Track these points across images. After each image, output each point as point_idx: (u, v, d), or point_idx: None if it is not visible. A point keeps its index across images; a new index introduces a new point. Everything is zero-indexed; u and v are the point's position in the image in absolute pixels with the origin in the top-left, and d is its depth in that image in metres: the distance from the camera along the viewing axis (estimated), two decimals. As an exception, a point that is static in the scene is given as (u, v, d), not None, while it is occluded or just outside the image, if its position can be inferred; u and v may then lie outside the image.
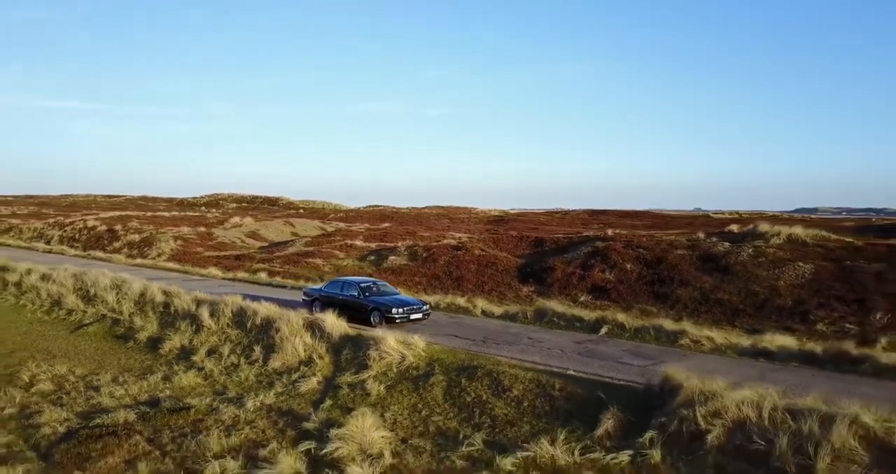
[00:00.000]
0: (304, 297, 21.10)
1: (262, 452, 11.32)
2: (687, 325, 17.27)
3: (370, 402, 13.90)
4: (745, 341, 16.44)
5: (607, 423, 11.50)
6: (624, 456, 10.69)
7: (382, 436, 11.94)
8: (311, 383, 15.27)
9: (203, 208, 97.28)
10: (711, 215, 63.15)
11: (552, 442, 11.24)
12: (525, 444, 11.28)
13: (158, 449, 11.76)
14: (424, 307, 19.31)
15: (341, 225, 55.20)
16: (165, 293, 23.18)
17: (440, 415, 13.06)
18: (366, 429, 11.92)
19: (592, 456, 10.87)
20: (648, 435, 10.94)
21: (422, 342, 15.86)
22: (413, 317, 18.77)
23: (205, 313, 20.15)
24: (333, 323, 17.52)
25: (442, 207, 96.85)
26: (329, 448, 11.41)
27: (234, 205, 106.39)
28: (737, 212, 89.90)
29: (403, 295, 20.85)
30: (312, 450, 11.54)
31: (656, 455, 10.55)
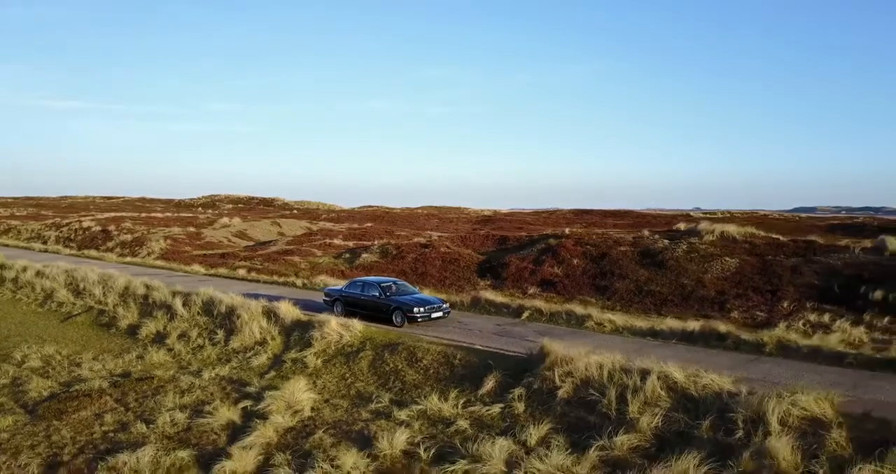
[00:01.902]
0: (324, 298, 21.85)
1: (207, 408, 14.22)
2: (593, 310, 20.12)
3: (307, 373, 16.81)
4: (644, 324, 19.23)
5: (489, 384, 14.38)
6: (496, 408, 13.57)
7: (309, 397, 14.83)
8: (262, 359, 18.21)
9: (200, 209, 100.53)
10: (692, 214, 65.72)
11: (445, 399, 14.11)
12: (420, 401, 14.15)
13: (123, 406, 14.71)
14: (444, 305, 19.98)
15: (328, 225, 58.13)
16: (147, 286, 26.15)
17: (362, 382, 15.97)
18: (295, 392, 14.82)
19: (472, 408, 13.74)
20: (517, 391, 13.81)
21: (359, 325, 18.76)
22: (434, 315, 19.42)
23: (178, 303, 23.10)
24: (287, 309, 20.43)
25: (435, 207, 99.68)
26: (261, 405, 14.32)
27: (231, 205, 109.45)
28: (728, 212, 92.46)
29: (423, 293, 21.61)
30: (249, 407, 14.45)
31: (520, 406, 13.42)
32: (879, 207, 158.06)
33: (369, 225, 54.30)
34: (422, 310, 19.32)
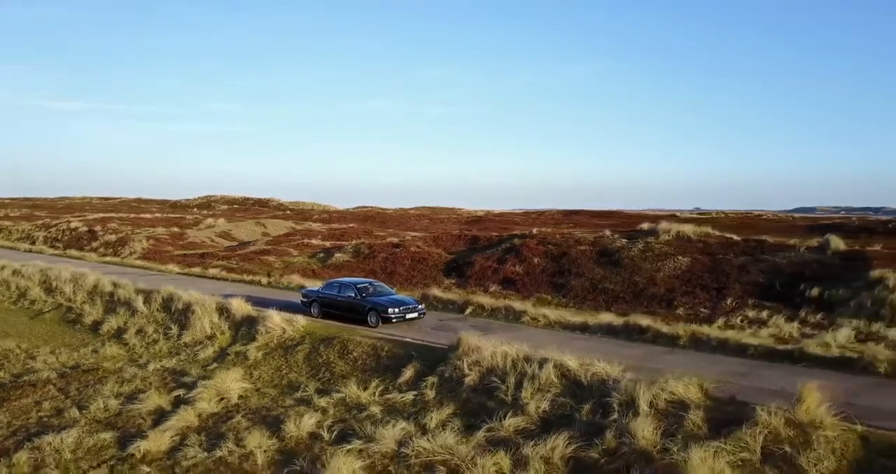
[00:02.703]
0: (302, 299, 22.23)
1: (142, 396, 15.39)
2: (529, 306, 21.22)
3: (247, 365, 17.96)
4: (578, 319, 20.30)
5: (407, 373, 15.50)
6: (409, 396, 14.68)
7: (240, 386, 15.98)
8: (209, 352, 19.38)
9: (195, 210, 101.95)
10: (678, 215, 66.54)
11: (365, 388, 15.24)
12: (342, 390, 15.28)
13: (64, 394, 15.90)
14: (420, 306, 20.37)
15: (314, 225, 59.32)
16: (115, 285, 27.37)
17: (295, 373, 17.11)
18: (228, 381, 15.97)
19: (388, 395, 14.87)
20: (431, 380, 14.93)
21: (303, 320, 19.91)
22: (409, 316, 19.76)
23: (140, 300, 24.30)
24: (239, 305, 21.59)
25: (429, 208, 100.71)
26: (193, 393, 15.47)
27: (226, 206, 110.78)
28: (723, 212, 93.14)
29: (399, 294, 21.87)
30: (182, 395, 15.60)
31: (430, 393, 14.53)
32: (879, 207, 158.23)
33: (352, 225, 55.49)
34: (396, 310, 19.57)
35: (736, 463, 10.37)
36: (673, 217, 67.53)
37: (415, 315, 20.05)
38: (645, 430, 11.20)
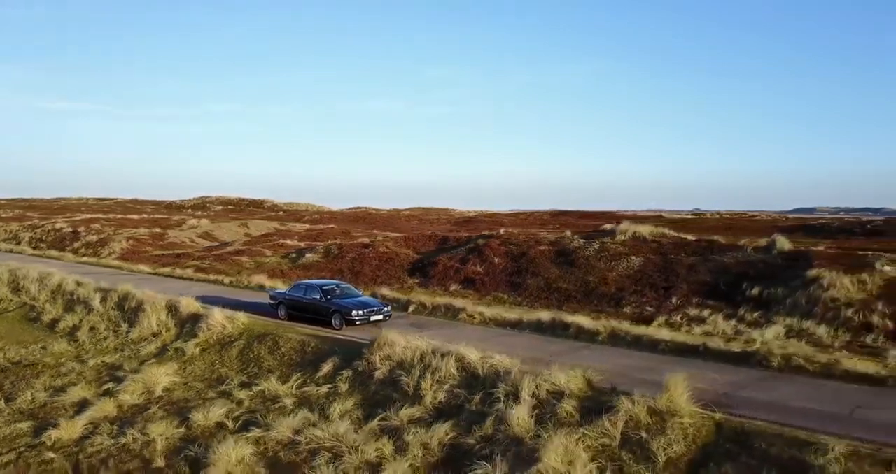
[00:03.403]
0: (269, 301, 22.37)
1: (72, 389, 16.31)
2: (467, 304, 22.03)
3: (184, 360, 18.86)
4: (514, 316, 21.09)
5: (326, 367, 16.35)
6: (324, 388, 15.54)
7: (168, 380, 16.89)
8: (151, 348, 20.30)
9: (189, 210, 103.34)
10: (664, 216, 67.23)
11: (285, 381, 16.11)
12: (263, 383, 16.15)
13: (-1, 387, 16.85)
14: (385, 308, 20.45)
15: (297, 226, 60.27)
16: (78, 284, 28.34)
17: (226, 367, 18.00)
18: (157, 375, 16.88)
19: (305, 388, 15.73)
20: (346, 373, 15.78)
21: (244, 318, 20.78)
22: (373, 318, 19.80)
23: (97, 299, 25.26)
24: (187, 304, 22.49)
25: (422, 209, 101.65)
26: (121, 386, 16.39)
27: (220, 207, 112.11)
28: (718, 213, 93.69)
29: (366, 296, 21.94)
30: (111, 388, 16.51)
31: (344, 386, 15.38)
32: (879, 208, 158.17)
33: (332, 226, 56.43)
34: (360, 313, 19.58)
35: (596, 447, 11.19)
36: (660, 217, 68.25)
37: (380, 317, 20.08)
38: (520, 418, 12.02)
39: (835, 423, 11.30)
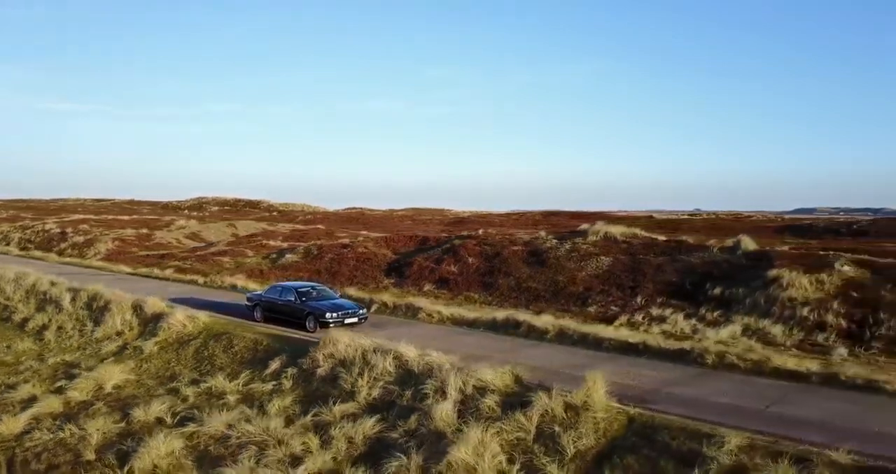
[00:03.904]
0: (246, 303, 22.46)
1: (22, 386, 16.83)
2: (429, 303, 22.49)
3: (141, 358, 19.37)
4: (472, 314, 21.55)
5: (274, 365, 16.83)
6: (269, 385, 16.01)
7: (122, 377, 17.40)
8: (112, 346, 20.81)
9: (186, 211, 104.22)
10: (655, 216, 67.53)
11: (233, 379, 16.59)
12: (211, 380, 16.63)
13: (-47, 384, 17.38)
14: (361, 311, 20.50)
15: (286, 226, 60.81)
16: (52, 284, 28.89)
17: (181, 365, 18.49)
18: (110, 373, 17.39)
19: (251, 385, 16.21)
20: (291, 371, 16.25)
21: (205, 317, 21.28)
22: (348, 321, 19.76)
23: (67, 298, 25.81)
24: (153, 303, 23.00)
25: (417, 209, 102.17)
26: (73, 383, 16.89)
27: (217, 207, 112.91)
28: (715, 213, 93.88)
29: (342, 299, 21.80)
30: (63, 385, 17.01)
31: (288, 383, 15.85)
32: (879, 208, 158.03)
33: (318, 227, 56.94)
34: (335, 315, 19.61)
35: (511, 440, 11.64)
36: (650, 217, 68.57)
37: (354, 319, 20.05)
38: (444, 413, 12.48)
39: (746, 418, 11.72)
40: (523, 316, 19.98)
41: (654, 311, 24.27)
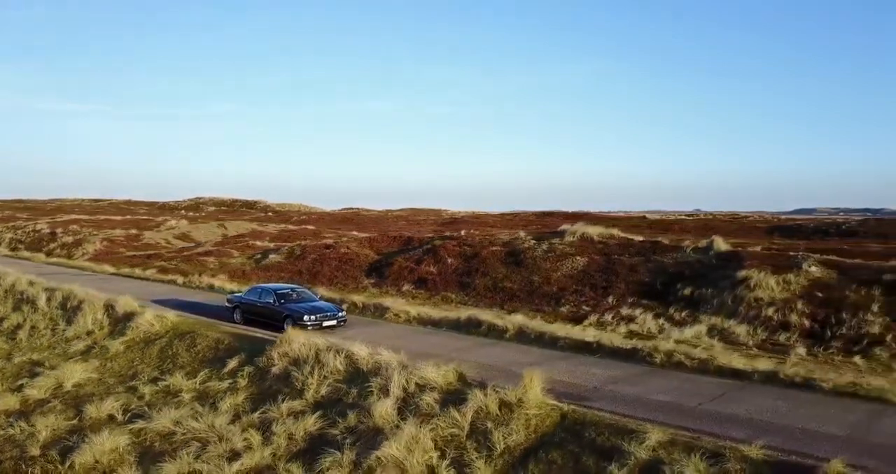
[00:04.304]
0: (226, 304, 22.51)
1: (-13, 384, 17.22)
2: (393, 303, 22.81)
3: (107, 357, 19.74)
4: (439, 314, 21.88)
5: (232, 364, 17.18)
6: (226, 383, 16.36)
7: (84, 376, 17.77)
8: (81, 346, 21.19)
9: (183, 211, 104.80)
10: (647, 217, 67.76)
11: (192, 377, 16.95)
12: (169, 379, 16.99)
13: (-82, 381, 17.78)
14: (340, 314, 20.43)
15: (277, 226, 61.21)
16: (30, 284, 29.31)
17: (144, 364, 18.86)
18: (73, 371, 17.76)
19: (208, 383, 16.56)
20: (247, 369, 16.60)
21: (173, 316, 21.65)
22: (326, 323, 19.73)
23: (43, 298, 26.22)
24: (124, 303, 23.37)
25: (414, 209, 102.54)
26: (34, 381, 17.26)
27: (213, 208, 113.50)
28: (711, 214, 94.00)
29: (321, 301, 21.79)
30: (24, 384, 17.40)
31: (243, 381, 16.21)
32: (879, 208, 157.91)
33: (308, 227, 57.31)
34: (312, 318, 19.62)
35: (446, 436, 11.97)
36: (642, 218, 68.80)
37: (333, 322, 20.02)
38: (384, 410, 12.82)
39: (677, 415, 12.03)
40: (486, 316, 20.30)
41: (624, 311, 24.56)
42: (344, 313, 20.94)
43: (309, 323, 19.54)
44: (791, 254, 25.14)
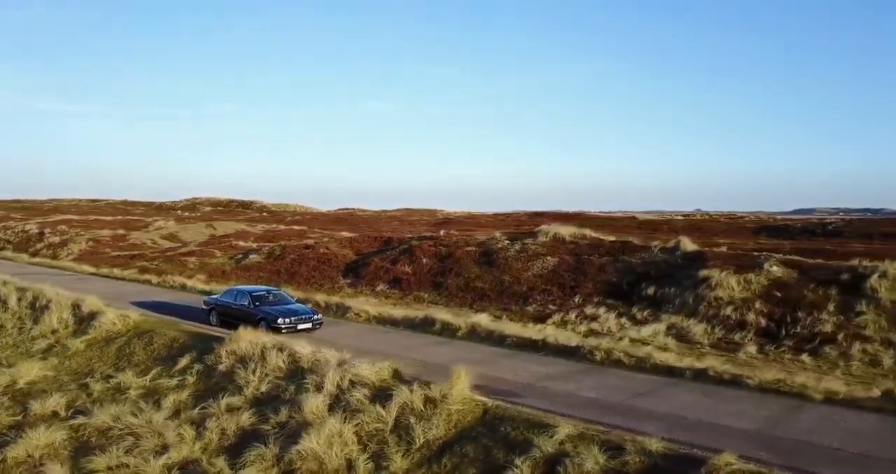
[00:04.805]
0: (203, 306, 22.51)
1: (-58, 381, 17.65)
2: (355, 303, 23.22)
3: (67, 355, 20.18)
4: (400, 313, 22.26)
5: (183, 361, 17.59)
6: (175, 381, 16.78)
7: (40, 374, 18.19)
8: (43, 344, 21.65)
9: (179, 211, 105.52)
10: (637, 217, 68.02)
11: (143, 375, 17.37)
12: (120, 376, 17.41)
13: None
14: (316, 316, 20.24)
15: (266, 226, 61.68)
16: (4, 283, 29.78)
17: (102, 362, 19.28)
18: (28, 369, 18.19)
19: (159, 381, 16.97)
20: (196, 367, 17.00)
21: (136, 316, 22.08)
22: (301, 326, 19.58)
23: (14, 298, 26.67)
24: (91, 302, 23.79)
25: (410, 210, 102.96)
26: (-10, 378, 17.69)
27: (209, 208, 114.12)
28: (707, 214, 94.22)
29: (297, 304, 21.64)
30: (-19, 381, 17.82)
31: (191, 379, 16.61)
32: (878, 209, 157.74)
33: (294, 227, 57.75)
34: (287, 321, 19.50)
35: (370, 431, 12.36)
36: (632, 218, 69.02)
37: (308, 325, 19.87)
38: (314, 406, 13.20)
39: (598, 410, 12.40)
40: (443, 315, 20.69)
41: (589, 310, 24.93)
42: (320, 316, 20.74)
43: (283, 326, 19.38)
44: (755, 254, 25.43)
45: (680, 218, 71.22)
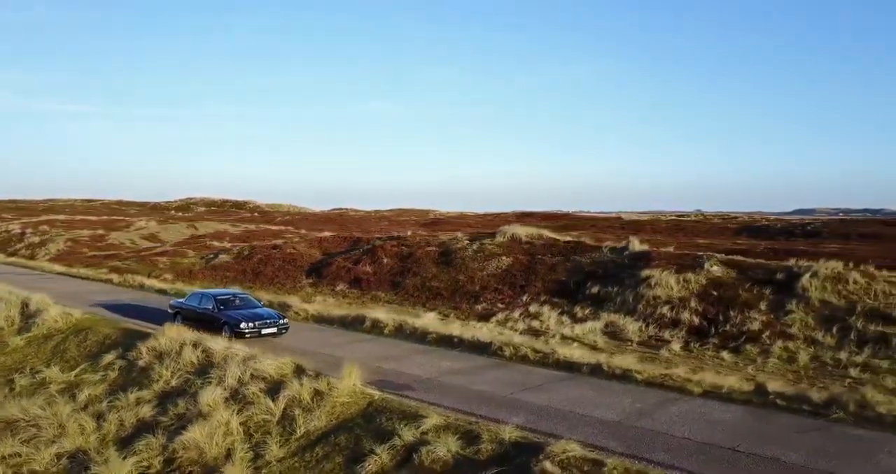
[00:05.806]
0: (169, 310, 22.28)
1: None
2: (296, 301, 23.85)
3: (5, 352, 20.89)
4: (340, 312, 22.89)
5: (109, 357, 18.24)
6: (98, 375, 17.44)
7: (-28, 369, 18.87)
8: (-14, 342, 22.34)
9: (173, 212, 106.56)
10: (623, 217, 68.52)
11: (69, 370, 18.05)
12: (46, 371, 18.10)
13: None
14: (281, 321, 19.92)
15: (246, 226, 62.45)
16: (-34, 282, 30.56)
17: (36, 358, 19.98)
18: (-39, 364, 18.90)
19: (84, 376, 17.64)
20: (120, 363, 17.67)
21: (78, 313, 22.78)
22: (266, 331, 19.25)
23: (-31, 296, 27.40)
24: (39, 300, 24.52)
25: (402, 210, 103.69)
26: (-80, 374, 18.41)
27: (203, 208, 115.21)
28: (703, 214, 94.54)
29: (264, 308, 21.31)
30: None
31: (114, 374, 17.28)
32: (879, 209, 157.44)
33: (274, 227, 58.47)
34: (251, 325, 19.14)
35: (259, 422, 12.98)
36: (618, 219, 69.46)
37: (273, 329, 19.51)
38: (210, 398, 13.81)
39: (479, 402, 12.98)
40: (376, 313, 21.30)
41: (533, 309, 25.47)
42: (286, 320, 20.30)
43: (247, 330, 19.02)
44: (697, 254, 25.92)
45: (670, 218, 71.63)
